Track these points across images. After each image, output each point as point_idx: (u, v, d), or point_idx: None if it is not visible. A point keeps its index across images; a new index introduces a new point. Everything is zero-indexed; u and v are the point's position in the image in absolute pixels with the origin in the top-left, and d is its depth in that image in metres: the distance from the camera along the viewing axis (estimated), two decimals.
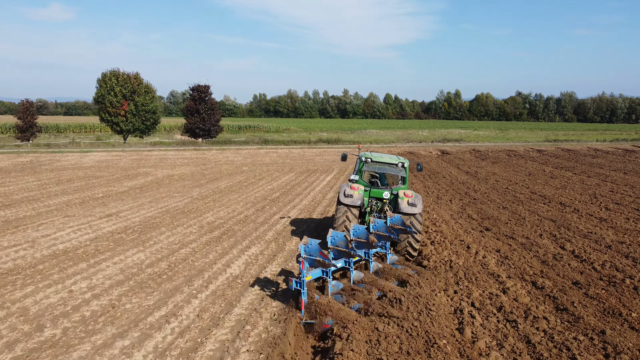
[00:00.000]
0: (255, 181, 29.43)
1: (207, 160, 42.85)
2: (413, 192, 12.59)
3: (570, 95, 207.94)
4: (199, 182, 28.47)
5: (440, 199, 22.66)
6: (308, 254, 9.19)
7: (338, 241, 9.77)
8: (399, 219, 11.31)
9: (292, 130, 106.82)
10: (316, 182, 29.36)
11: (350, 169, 37.58)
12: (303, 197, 23.68)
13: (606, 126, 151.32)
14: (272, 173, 33.97)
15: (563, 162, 43.45)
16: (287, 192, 24.97)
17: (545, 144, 66.71)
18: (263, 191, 25.28)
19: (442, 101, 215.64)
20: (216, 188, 26.13)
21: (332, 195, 24.58)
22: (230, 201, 21.87)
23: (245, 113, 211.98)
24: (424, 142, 66.91)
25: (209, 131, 58.97)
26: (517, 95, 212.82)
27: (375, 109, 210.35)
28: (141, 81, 54.94)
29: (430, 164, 40.80)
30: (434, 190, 25.58)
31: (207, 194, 23.86)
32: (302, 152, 52.39)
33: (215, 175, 32.04)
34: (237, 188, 26.30)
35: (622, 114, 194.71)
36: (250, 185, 27.78)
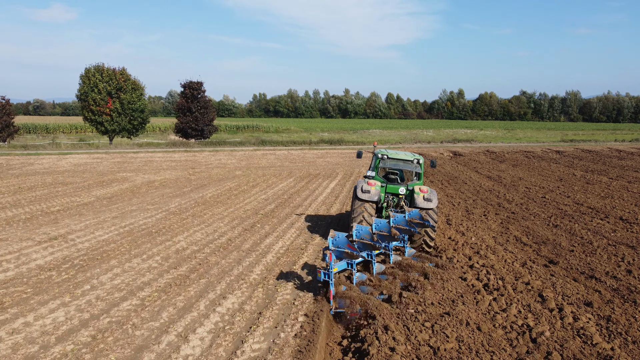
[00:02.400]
0: (248, 189, 25.30)
1: (197, 163, 38.73)
2: (428, 188, 12.91)
3: (575, 95, 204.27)
4: (181, 190, 24.36)
5: (471, 213, 18.51)
6: (336, 246, 9.61)
7: (363, 234, 10.37)
8: (417, 213, 11.77)
9: (292, 131, 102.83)
10: (318, 190, 25.25)
11: (356, 172, 33.48)
12: (303, 209, 19.56)
13: (614, 125, 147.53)
14: (268, 178, 29.85)
15: (589, 164, 39.34)
16: (284, 204, 20.84)
17: (562, 145, 62.56)
18: (255, 202, 21.16)
19: (445, 101, 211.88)
20: (200, 198, 22.02)
21: (339, 206, 20.47)
22: (214, 216, 17.74)
23: (244, 113, 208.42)
24: (432, 142, 62.76)
25: (202, 131, 54.82)
26: (521, 95, 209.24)
27: (377, 108, 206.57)
28: (128, 77, 50.80)
29: (444, 167, 36.66)
30: (460, 201, 21.43)
31: (187, 206, 19.74)
32: (302, 153, 48.25)
33: (203, 182, 27.92)
34: (225, 198, 22.18)
35: (628, 113, 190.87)
36: (241, 193, 23.66)
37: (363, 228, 10.43)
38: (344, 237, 9.63)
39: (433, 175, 31.73)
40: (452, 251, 12.77)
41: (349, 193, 24.93)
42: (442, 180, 29.39)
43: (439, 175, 31.77)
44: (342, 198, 22.93)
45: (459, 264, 11.61)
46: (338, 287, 9.31)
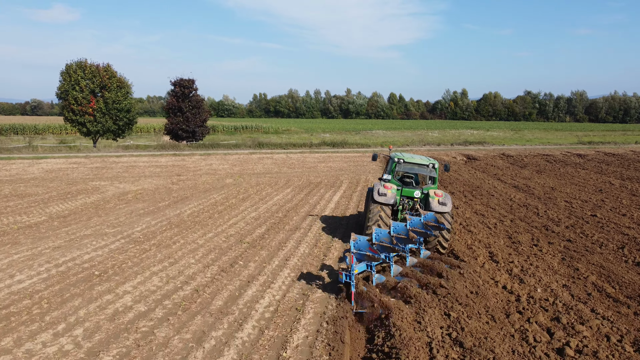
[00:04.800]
0: (237, 202, 21.29)
1: (184, 169, 34.72)
2: (443, 192, 13.00)
3: (581, 95, 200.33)
4: (156, 205, 20.36)
5: (516, 242, 14.42)
6: (357, 249, 9.95)
7: (382, 237, 10.69)
8: (432, 216, 12.00)
9: (293, 131, 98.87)
10: (320, 204, 21.22)
11: (363, 180, 29.45)
12: (301, 234, 15.52)
13: (622, 126, 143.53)
14: (263, 188, 25.83)
15: (621, 170, 35.30)
16: (278, 225, 16.81)
17: (580, 147, 58.48)
18: (243, 222, 17.12)
19: (448, 101, 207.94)
20: (176, 216, 18.01)
21: (346, 228, 16.44)
22: (185, 247, 13.72)
23: (245, 113, 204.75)
24: (441, 144, 58.67)
25: (194, 133, 50.75)
26: (526, 95, 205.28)
27: (379, 108, 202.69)
28: (113, 74, 46.78)
29: (461, 174, 32.62)
30: (495, 221, 17.34)
31: (156, 230, 15.72)
32: (302, 157, 44.21)
33: (186, 193, 23.92)
34: (207, 216, 18.16)
35: (635, 113, 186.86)
36: (227, 209, 19.64)
37: (382, 231, 10.78)
38: (365, 241, 10.11)
39: (452, 184, 27.69)
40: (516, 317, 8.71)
41: (357, 206, 20.92)
42: (464, 190, 25.32)
43: (458, 185, 27.73)
44: (350, 215, 18.91)
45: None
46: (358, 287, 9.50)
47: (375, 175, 32.17)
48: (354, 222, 17.65)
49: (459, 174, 32.57)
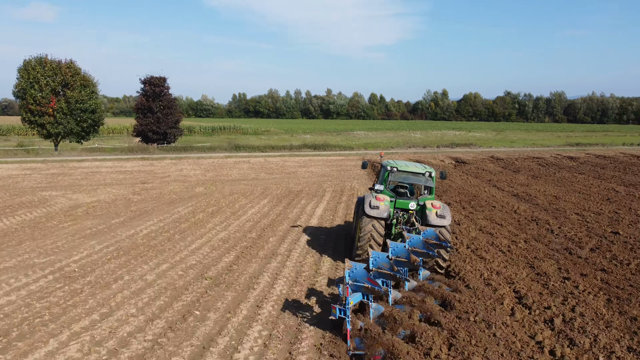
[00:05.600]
0: (205, 218, 18.34)
1: (151, 175, 31.55)
2: (441, 203, 12.10)
3: (559, 95, 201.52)
4: (109, 223, 17.30)
5: (538, 271, 11.81)
6: (353, 279, 8.47)
7: (380, 262, 9.17)
8: (432, 232, 10.78)
9: (272, 132, 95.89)
10: (302, 219, 18.42)
11: (348, 188, 26.77)
12: (279, 263, 12.69)
13: (601, 127, 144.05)
14: (237, 199, 22.93)
15: (619, 174, 33.37)
16: (250, 250, 13.93)
17: (569, 149, 56.84)
18: (208, 247, 14.21)
19: (429, 101, 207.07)
20: (129, 238, 15.01)
21: (333, 253, 13.68)
22: (129, 285, 10.76)
23: (224, 113, 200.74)
24: (427, 147, 56.37)
25: (165, 135, 47.42)
26: (505, 95, 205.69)
27: (360, 109, 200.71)
28: (77, 71, 43.20)
29: (454, 180, 30.16)
30: (507, 242, 14.74)
31: (98, 259, 12.70)
32: (281, 161, 41.30)
33: (147, 205, 20.89)
34: (166, 238, 15.20)
35: (613, 114, 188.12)
36: (192, 228, 16.69)
37: (380, 255, 9.37)
38: (362, 269, 8.61)
39: (446, 192, 25.17)
40: None
41: (344, 219, 18.21)
42: (461, 200, 22.79)
43: (452, 193, 25.22)
44: (337, 234, 16.14)
45: None
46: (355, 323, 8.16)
47: (360, 182, 29.51)
48: (343, 244, 14.89)
49: (451, 180, 30.10)
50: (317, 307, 9.72)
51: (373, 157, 45.03)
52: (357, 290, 8.43)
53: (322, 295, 10.43)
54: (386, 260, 9.14)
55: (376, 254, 9.28)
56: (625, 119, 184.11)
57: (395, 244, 10.00)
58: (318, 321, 9.00)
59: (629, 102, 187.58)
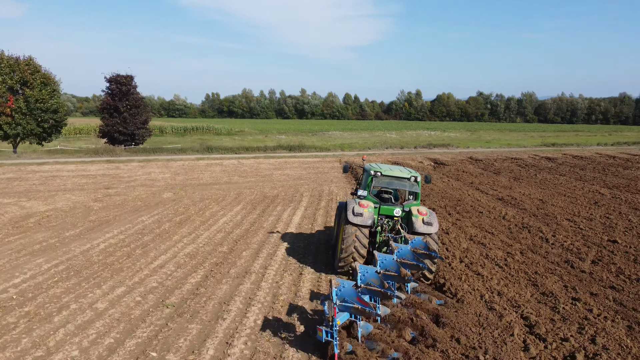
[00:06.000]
0: (171, 229, 16.68)
1: (116, 179, 29.55)
2: (427, 209, 11.50)
3: (530, 96, 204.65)
4: (62, 235, 15.50)
5: (543, 290, 10.62)
6: (341, 299, 7.63)
7: (369, 278, 8.18)
8: (420, 241, 9.90)
9: (246, 132, 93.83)
10: (278, 228, 16.94)
11: (326, 193, 25.40)
12: (253, 285, 11.21)
13: (572, 127, 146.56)
14: (207, 205, 21.30)
15: (601, 176, 32.91)
16: (220, 268, 12.39)
17: (545, 150, 56.77)
18: (172, 265, 12.59)
19: (403, 101, 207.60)
20: (83, 254, 13.28)
21: (314, 267, 12.26)
22: (74, 317, 9.12)
23: (197, 113, 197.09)
24: (405, 148, 55.45)
25: (133, 136, 45.14)
26: (478, 96, 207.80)
27: (335, 109, 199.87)
28: (37, 68, 40.61)
29: (436, 183, 29.09)
30: (498, 251, 13.56)
31: (42, 282, 10.97)
32: (255, 163, 39.65)
33: (109, 214, 19.08)
34: (125, 254, 13.51)
35: (582, 114, 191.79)
36: (156, 241, 15.03)
37: (369, 270, 8.34)
38: (350, 288, 7.75)
39: (428, 197, 24.03)
40: None
41: (323, 226, 16.81)
42: (446, 205, 21.65)
43: (435, 197, 24.11)
44: (316, 244, 14.71)
45: None
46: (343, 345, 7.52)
47: (339, 185, 28.18)
48: (324, 256, 13.48)
49: (433, 183, 29.00)
50: (299, 326, 8.28)
51: (351, 158, 43.80)
52: (345, 309, 7.70)
53: (304, 316, 9.00)
54: (375, 275, 8.25)
55: (364, 269, 8.38)
56: (593, 119, 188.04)
57: (384, 256, 9.16)
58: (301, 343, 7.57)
59: (597, 102, 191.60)
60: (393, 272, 8.76)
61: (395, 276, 8.75)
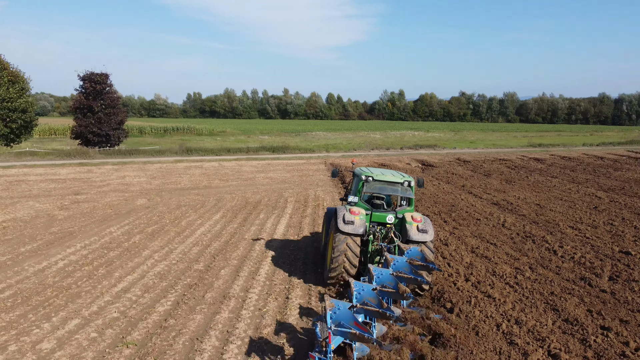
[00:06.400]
0: (142, 242, 15.03)
1: (88, 183, 27.66)
2: (422, 215, 10.81)
3: (512, 96, 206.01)
4: (17, 251, 13.75)
5: (565, 316, 9.30)
6: (337, 323, 6.75)
7: (366, 297, 7.40)
8: (416, 251, 9.32)
9: (229, 133, 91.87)
10: (261, 240, 15.40)
11: (312, 198, 23.94)
12: (233, 314, 9.69)
13: (553, 127, 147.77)
14: (185, 213, 19.66)
15: (594, 178, 32.08)
16: (195, 291, 10.82)
17: (533, 150, 56.12)
18: (139, 288, 10.97)
19: (386, 101, 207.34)
20: (36, 275, 11.58)
21: (302, 288, 10.77)
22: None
23: (178, 113, 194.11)
24: (391, 149, 54.20)
25: (108, 137, 43.09)
26: (460, 96, 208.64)
27: (318, 109, 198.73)
28: (4, 65, 38.38)
29: (426, 186, 27.83)
30: (505, 267, 12.23)
31: None
32: (237, 166, 38.00)
33: (74, 224, 17.33)
34: (86, 274, 11.85)
35: (562, 114, 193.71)
36: (123, 257, 13.37)
37: (365, 287, 7.60)
38: (346, 310, 6.94)
39: (420, 201, 22.73)
40: None
41: (313, 241, 15.33)
42: (440, 211, 20.35)
43: (427, 201, 22.83)
44: (304, 256, 13.21)
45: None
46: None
47: (325, 189, 26.73)
48: (313, 276, 11.99)
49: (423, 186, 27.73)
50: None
51: (336, 160, 42.42)
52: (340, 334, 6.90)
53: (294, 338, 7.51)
54: (372, 294, 7.48)
55: (360, 286, 7.61)
56: (573, 119, 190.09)
57: (380, 270, 8.50)
58: None
59: (577, 102, 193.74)
60: (391, 289, 8.07)
61: (393, 293, 8.09)
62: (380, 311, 7.24)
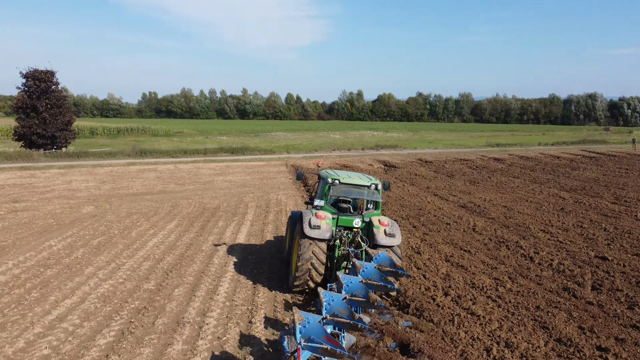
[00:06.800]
0: (85, 257, 13.44)
1: (30, 190, 25.44)
2: (389, 219, 10.67)
3: (467, 97, 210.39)
4: None
5: (557, 336, 8.55)
6: (306, 338, 6.23)
7: (336, 307, 7.07)
8: (385, 257, 9.18)
9: (186, 134, 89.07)
10: (220, 252, 14.09)
11: (273, 203, 22.75)
12: (187, 351, 8.41)
13: (507, 126, 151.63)
14: (135, 223, 18.06)
15: (554, 178, 32.34)
16: (143, 318, 9.47)
17: (491, 150, 56.75)
18: (75, 317, 9.50)
19: (345, 101, 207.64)
20: None
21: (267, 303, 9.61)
22: None
23: (133, 113, 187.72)
24: (352, 149, 53.54)
25: (54, 139, 40.37)
26: (418, 96, 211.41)
27: (277, 109, 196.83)
28: None
29: (392, 189, 27.08)
30: (484, 277, 11.47)
31: None
32: (195, 168, 36.26)
33: (8, 237, 15.49)
34: (14, 300, 10.24)
35: (515, 114, 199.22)
36: (61, 276, 11.81)
37: (335, 297, 7.24)
38: (316, 324, 6.50)
39: (385, 204, 21.92)
40: None
41: (274, 243, 14.15)
42: (408, 215, 19.57)
43: (393, 205, 22.06)
44: (269, 269, 12.02)
45: None
46: None
47: (287, 193, 25.58)
48: (278, 289, 10.83)
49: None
50: None
51: (298, 161, 41.28)
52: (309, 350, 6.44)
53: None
54: (342, 304, 7.14)
55: (329, 297, 7.26)
56: (525, 119, 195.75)
57: (349, 278, 8.22)
58: None
59: (529, 103, 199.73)
60: (361, 298, 7.73)
61: (364, 302, 7.75)
62: (351, 323, 6.86)
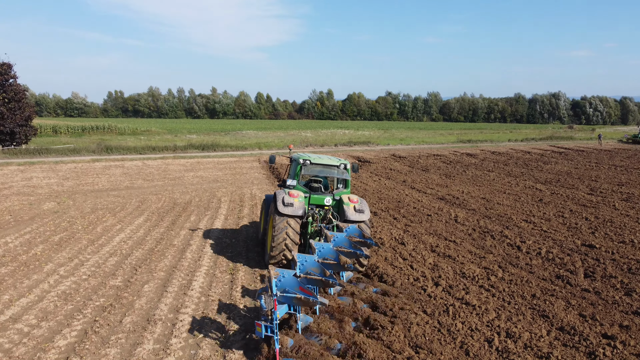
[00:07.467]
0: (45, 254, 12.33)
1: None
2: (358, 197, 11.27)
3: (435, 96, 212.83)
4: None
5: (563, 323, 8.04)
6: (282, 290, 7.02)
7: (309, 267, 7.72)
8: (355, 229, 9.71)
9: (154, 132, 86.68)
10: (193, 246, 13.18)
11: (248, 197, 21.89)
12: (158, 350, 7.56)
13: (475, 125, 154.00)
14: (100, 218, 16.92)
15: (528, 171, 32.41)
16: (109, 317, 8.54)
17: (463, 146, 57.04)
18: (32, 317, 8.51)
19: (315, 101, 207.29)
20: None
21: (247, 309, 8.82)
22: None
23: (98, 112, 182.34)
24: (325, 145, 52.93)
25: (12, 134, 38.29)
26: (387, 96, 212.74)
27: (247, 108, 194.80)
28: None
29: (365, 181, 26.63)
30: (474, 267, 10.97)
31: None
32: (163, 164, 34.94)
33: None
34: None
35: (482, 113, 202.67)
36: (17, 274, 10.73)
37: (308, 258, 7.93)
38: (291, 277, 7.22)
39: (366, 197, 21.34)
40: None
41: (251, 236, 13.35)
42: (388, 208, 19.03)
43: (372, 197, 21.51)
44: (245, 271, 11.21)
45: None
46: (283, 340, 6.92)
47: (261, 187, 24.75)
48: (258, 283, 10.05)
49: (362, 182, 26.55)
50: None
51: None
52: (285, 301, 7.13)
53: None
54: (315, 264, 7.79)
55: (303, 258, 7.88)
56: (492, 117, 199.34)
57: (321, 244, 8.83)
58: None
59: (495, 102, 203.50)
60: (332, 261, 8.46)
61: (334, 264, 8.47)
62: (323, 279, 7.32)
